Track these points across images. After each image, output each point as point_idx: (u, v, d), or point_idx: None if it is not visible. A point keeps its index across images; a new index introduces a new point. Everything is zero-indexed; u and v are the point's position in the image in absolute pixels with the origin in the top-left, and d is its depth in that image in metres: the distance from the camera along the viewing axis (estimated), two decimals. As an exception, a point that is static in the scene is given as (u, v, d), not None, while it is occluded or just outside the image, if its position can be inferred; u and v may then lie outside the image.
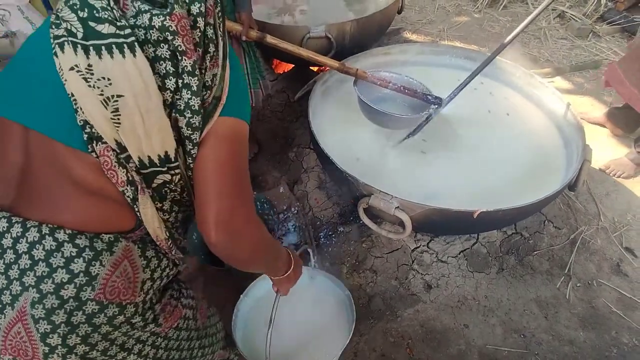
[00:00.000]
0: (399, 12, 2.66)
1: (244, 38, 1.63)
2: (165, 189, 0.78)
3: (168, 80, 0.70)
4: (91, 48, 0.65)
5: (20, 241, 0.69)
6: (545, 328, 1.60)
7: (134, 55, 0.66)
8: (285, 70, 2.87)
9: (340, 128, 1.85)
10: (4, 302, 0.69)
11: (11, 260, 0.69)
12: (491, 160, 1.72)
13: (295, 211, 1.98)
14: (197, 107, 0.72)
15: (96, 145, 0.69)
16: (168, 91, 0.71)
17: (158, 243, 0.79)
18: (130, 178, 0.72)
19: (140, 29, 0.68)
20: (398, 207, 1.35)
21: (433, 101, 1.65)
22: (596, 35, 3.30)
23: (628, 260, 1.80)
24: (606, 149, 2.29)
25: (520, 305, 1.67)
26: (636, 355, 1.50)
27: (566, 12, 3.53)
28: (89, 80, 0.66)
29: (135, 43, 0.66)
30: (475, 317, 1.64)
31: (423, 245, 1.75)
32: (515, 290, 1.71)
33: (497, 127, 1.87)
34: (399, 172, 1.69)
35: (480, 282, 1.72)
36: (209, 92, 0.75)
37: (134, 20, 0.68)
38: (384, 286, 1.70)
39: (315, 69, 2.81)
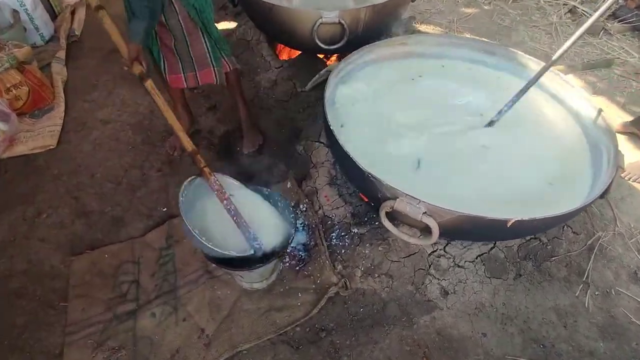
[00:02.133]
0: (413, 1, 2.53)
1: (125, 68, 1.47)
2: None
3: None
4: None
5: None
6: (564, 338, 1.55)
7: None
8: (291, 57, 2.72)
9: (360, 123, 1.74)
10: None
11: None
12: (513, 165, 1.64)
13: (304, 209, 1.88)
14: None
15: None
16: None
17: None
18: None
19: None
20: (425, 212, 1.26)
21: (252, 245, 1.46)
22: (607, 32, 3.24)
23: (645, 268, 1.76)
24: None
25: (539, 313, 1.61)
26: (658, 368, 1.46)
27: (577, 8, 3.45)
28: None
29: None
30: (494, 325, 1.58)
31: (440, 249, 1.67)
32: (533, 297, 1.65)
33: (520, 129, 1.78)
34: (418, 173, 1.59)
35: (498, 289, 1.66)
36: None
37: None
38: (399, 291, 1.62)
39: (322, 56, 2.68)
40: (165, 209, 1.95)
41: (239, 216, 1.47)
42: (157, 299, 1.59)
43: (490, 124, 1.72)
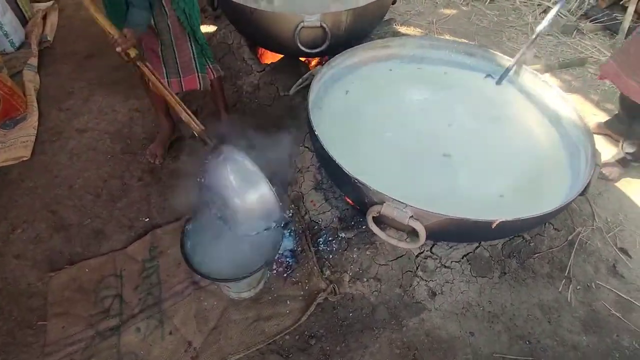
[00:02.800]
0: (393, 3, 2.55)
1: (118, 49, 1.45)
2: None
3: None
4: None
5: None
6: (549, 333, 1.58)
7: None
8: (273, 61, 2.70)
9: (343, 127, 1.73)
10: None
11: None
12: (492, 165, 1.66)
13: (291, 214, 1.86)
14: None
15: None
16: None
17: None
18: None
19: None
20: (412, 216, 1.26)
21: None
22: (580, 32, 3.34)
23: (623, 261, 1.82)
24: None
25: (524, 310, 1.64)
26: (637, 359, 1.51)
27: (551, 8, 3.54)
28: None
29: None
30: (481, 324, 1.60)
31: (427, 251, 1.68)
32: (518, 294, 1.68)
33: (497, 129, 1.82)
34: (400, 177, 1.59)
35: (484, 287, 1.69)
36: None
37: None
38: (388, 295, 1.63)
39: (304, 59, 2.66)
40: (147, 219, 1.91)
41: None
42: (141, 313, 1.55)
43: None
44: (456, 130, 1.79)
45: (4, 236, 1.82)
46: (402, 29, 3.29)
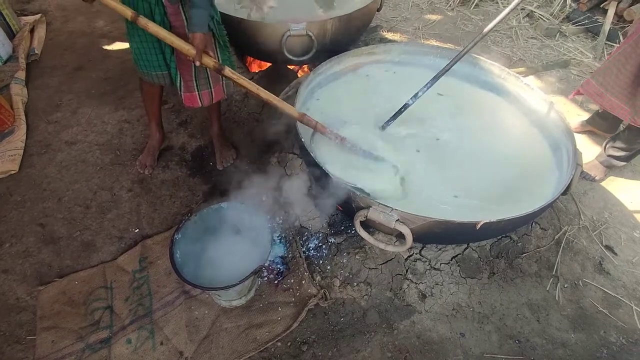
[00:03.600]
0: (379, 10, 2.60)
1: (197, 64, 1.39)
2: None
3: None
4: None
5: None
6: (538, 332, 1.60)
7: None
8: (262, 69, 2.72)
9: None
10: None
11: None
12: (477, 167, 1.70)
13: (280, 221, 1.87)
14: None
15: None
16: None
17: None
18: None
19: None
20: (398, 219, 1.28)
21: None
22: (563, 35, 3.41)
23: (609, 258, 1.85)
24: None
25: (513, 309, 1.66)
26: (625, 354, 1.53)
27: (534, 12, 3.62)
28: None
29: None
30: (471, 324, 1.62)
31: (416, 254, 1.70)
32: (507, 294, 1.71)
33: (480, 131, 1.85)
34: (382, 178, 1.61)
35: (474, 288, 1.70)
36: None
37: None
38: (378, 298, 1.64)
39: (292, 67, 2.69)
40: (137, 229, 1.90)
41: (361, 150, 1.56)
42: (132, 324, 1.54)
43: (384, 125, 1.75)
44: (438, 133, 1.82)
45: (-8, 251, 1.81)
46: (389, 35, 3.34)
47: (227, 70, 1.44)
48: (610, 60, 1.90)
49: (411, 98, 1.66)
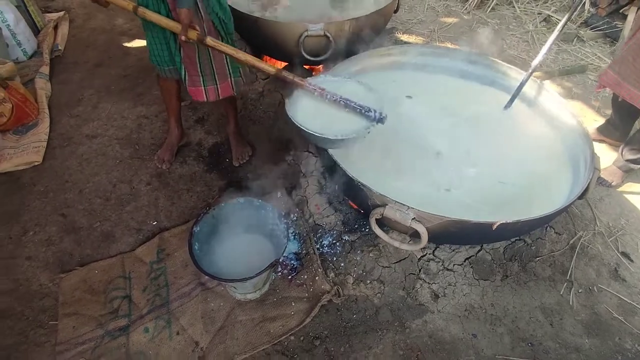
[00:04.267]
0: (395, 12, 2.61)
1: (182, 38, 1.49)
2: None
3: None
4: None
5: None
6: (551, 335, 1.60)
7: None
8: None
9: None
10: None
11: None
12: (493, 169, 1.70)
13: (295, 218, 1.90)
14: None
15: None
16: None
17: None
18: None
19: None
20: (414, 218, 1.30)
21: (375, 117, 1.43)
22: (580, 40, 3.38)
23: (625, 265, 1.84)
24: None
25: (526, 312, 1.66)
26: (640, 361, 1.52)
27: (552, 16, 3.60)
28: None
29: None
30: (483, 326, 1.62)
31: (429, 254, 1.71)
32: (520, 297, 1.70)
33: (498, 135, 1.85)
34: (398, 178, 1.63)
35: (486, 290, 1.71)
36: None
37: None
38: (391, 297, 1.65)
39: (307, 67, 2.72)
40: (155, 222, 1.95)
41: (348, 100, 1.45)
42: (149, 314, 1.58)
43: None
44: (454, 133, 1.83)
45: (16, 239, 1.86)
46: (404, 37, 3.36)
47: (209, 39, 1.51)
48: (625, 49, 1.92)
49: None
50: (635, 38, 1.84)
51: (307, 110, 1.48)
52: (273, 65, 1.53)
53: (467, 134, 1.83)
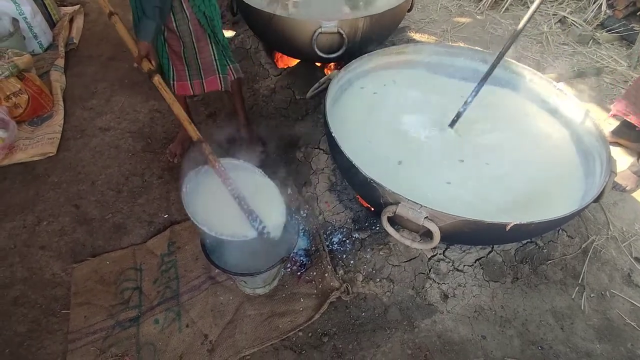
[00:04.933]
0: (409, 10, 2.60)
1: (135, 65, 1.57)
2: None
3: None
4: None
5: None
6: (562, 340, 1.58)
7: None
8: (289, 65, 2.76)
9: (359, 129, 1.77)
10: None
11: None
12: (506, 170, 1.68)
13: (305, 215, 1.90)
14: None
15: None
16: None
17: None
18: None
19: None
20: (427, 217, 1.29)
21: (257, 229, 1.44)
22: (596, 42, 3.33)
23: (638, 270, 1.81)
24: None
25: (537, 315, 1.65)
26: (652, 368, 1.50)
27: (567, 18, 3.55)
28: None
29: None
30: (493, 327, 1.61)
31: (439, 254, 1.70)
32: (530, 300, 1.69)
33: (511, 136, 1.83)
34: (412, 179, 1.62)
35: (496, 292, 1.69)
36: None
37: None
38: (400, 296, 1.65)
39: (319, 64, 2.72)
40: (166, 215, 1.96)
41: (243, 200, 1.46)
42: (159, 305, 1.60)
43: (451, 124, 1.75)
44: (469, 134, 1.82)
45: (30, 228, 1.89)
46: (417, 36, 3.34)
47: (156, 79, 1.50)
48: (632, 86, 1.97)
49: (464, 103, 1.68)
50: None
51: (207, 191, 1.49)
52: (196, 131, 1.49)
53: (480, 135, 1.82)
